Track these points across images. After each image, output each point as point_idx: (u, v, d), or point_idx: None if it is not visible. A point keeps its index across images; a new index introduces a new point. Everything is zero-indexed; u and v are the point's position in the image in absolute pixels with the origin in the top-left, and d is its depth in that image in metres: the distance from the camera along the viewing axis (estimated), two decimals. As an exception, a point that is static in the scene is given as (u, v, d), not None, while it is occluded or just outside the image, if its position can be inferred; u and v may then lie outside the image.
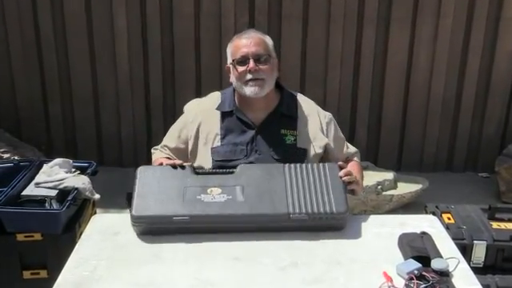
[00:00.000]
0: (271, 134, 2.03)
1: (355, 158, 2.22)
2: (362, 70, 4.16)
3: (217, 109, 2.08)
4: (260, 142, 2.02)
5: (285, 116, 2.06)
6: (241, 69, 1.98)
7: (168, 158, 2.14)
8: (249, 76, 1.97)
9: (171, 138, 2.17)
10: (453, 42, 4.08)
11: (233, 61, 2.01)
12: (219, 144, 2.04)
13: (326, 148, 2.08)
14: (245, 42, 1.99)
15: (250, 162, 1.99)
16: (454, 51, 4.10)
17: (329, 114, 2.16)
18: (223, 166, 2.00)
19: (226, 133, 2.05)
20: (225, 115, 2.06)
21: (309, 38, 4.07)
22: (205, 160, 2.06)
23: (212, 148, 2.04)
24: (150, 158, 2.25)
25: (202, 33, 4.06)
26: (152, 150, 2.25)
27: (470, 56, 4.12)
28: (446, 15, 4.01)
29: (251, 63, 1.96)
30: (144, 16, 4.03)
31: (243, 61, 1.97)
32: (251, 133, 2.03)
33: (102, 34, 4.05)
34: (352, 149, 2.24)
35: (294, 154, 2.02)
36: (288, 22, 4.03)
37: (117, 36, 4.05)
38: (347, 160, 2.17)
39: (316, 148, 2.06)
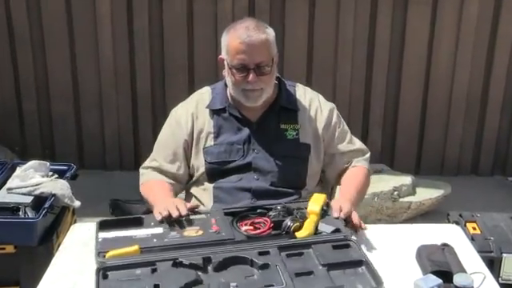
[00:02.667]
0: (270, 129, 2.04)
1: (359, 162, 2.14)
2: (377, 61, 4.16)
3: (207, 107, 2.08)
4: (258, 139, 2.03)
5: (284, 109, 2.07)
6: (238, 76, 1.95)
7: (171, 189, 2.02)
8: (248, 86, 1.95)
9: (163, 148, 2.10)
10: (478, 30, 4.07)
11: (228, 63, 1.97)
12: (212, 143, 2.04)
13: (323, 138, 2.08)
14: (244, 48, 1.90)
15: (248, 163, 2.00)
16: (480, 40, 4.10)
17: (331, 104, 2.16)
18: (217, 168, 2.00)
19: (219, 131, 2.05)
20: (217, 112, 2.07)
21: (316, 23, 4.07)
22: (197, 162, 2.06)
23: (204, 148, 2.05)
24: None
25: (196, 19, 4.06)
26: (141, 171, 2.15)
27: (498, 46, 4.11)
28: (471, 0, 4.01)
29: (251, 76, 1.92)
30: (130, 0, 4.03)
31: (241, 68, 1.93)
32: (248, 130, 2.04)
33: (82, 21, 4.05)
34: (356, 144, 2.17)
35: (297, 150, 2.03)
36: (292, 6, 4.03)
37: (99, 23, 4.05)
38: (345, 169, 2.12)
39: (320, 142, 2.08)
